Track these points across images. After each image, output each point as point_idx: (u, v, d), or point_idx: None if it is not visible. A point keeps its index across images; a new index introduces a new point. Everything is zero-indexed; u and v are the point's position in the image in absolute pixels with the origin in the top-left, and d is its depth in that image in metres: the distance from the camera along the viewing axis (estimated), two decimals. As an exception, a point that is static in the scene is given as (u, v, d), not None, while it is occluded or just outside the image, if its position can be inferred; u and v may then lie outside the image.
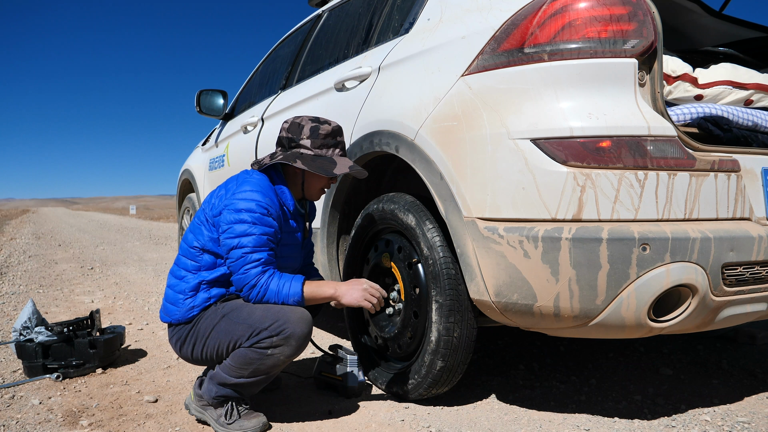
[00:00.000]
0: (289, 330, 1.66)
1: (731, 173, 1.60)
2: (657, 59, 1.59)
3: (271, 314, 1.69)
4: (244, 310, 1.73)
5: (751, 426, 1.76)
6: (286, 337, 1.66)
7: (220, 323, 1.74)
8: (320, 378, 2.12)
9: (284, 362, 1.71)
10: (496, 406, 1.95)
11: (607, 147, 1.51)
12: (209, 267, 1.80)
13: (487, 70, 1.69)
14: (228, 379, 1.72)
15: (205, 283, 1.79)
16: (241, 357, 1.69)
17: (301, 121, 1.89)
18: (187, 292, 1.79)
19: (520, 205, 1.56)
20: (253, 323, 1.68)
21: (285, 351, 1.67)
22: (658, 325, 1.54)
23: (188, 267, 1.82)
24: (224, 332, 1.72)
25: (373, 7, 2.56)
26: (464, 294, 1.77)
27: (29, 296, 4.25)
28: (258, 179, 1.80)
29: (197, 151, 4.62)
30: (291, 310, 1.70)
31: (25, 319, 2.45)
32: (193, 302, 1.79)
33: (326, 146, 1.87)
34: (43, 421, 1.89)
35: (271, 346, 1.66)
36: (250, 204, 1.72)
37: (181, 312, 1.79)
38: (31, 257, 7.34)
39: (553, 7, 1.61)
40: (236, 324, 1.71)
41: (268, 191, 1.78)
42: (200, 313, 1.79)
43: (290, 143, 1.88)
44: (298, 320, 1.68)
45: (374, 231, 2.16)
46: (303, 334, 1.68)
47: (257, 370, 1.69)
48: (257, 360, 1.68)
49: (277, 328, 1.66)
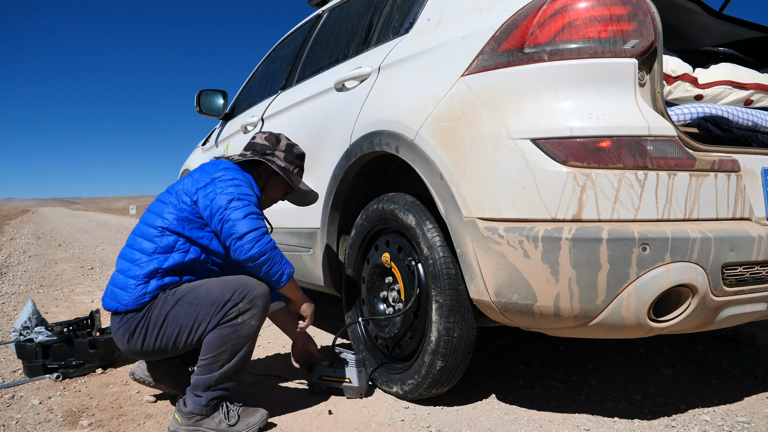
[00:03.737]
0: (252, 292, 1.70)
1: (731, 173, 1.60)
2: (657, 59, 1.59)
3: (228, 286, 1.71)
4: (200, 289, 1.73)
5: (751, 426, 1.76)
6: (251, 299, 1.69)
7: (176, 308, 1.71)
8: (320, 383, 2.08)
9: (257, 328, 1.72)
10: (496, 406, 1.95)
11: (607, 147, 1.51)
12: (166, 251, 1.76)
13: (487, 70, 1.69)
14: (211, 378, 1.69)
15: (160, 272, 1.75)
16: (215, 341, 1.68)
17: (279, 136, 2.07)
18: (140, 278, 1.73)
19: (520, 205, 1.56)
20: (215, 299, 1.69)
21: (254, 313, 1.70)
22: (658, 325, 1.54)
23: (143, 249, 1.77)
24: (184, 315, 1.70)
25: (373, 7, 2.56)
26: (464, 294, 1.77)
27: (29, 296, 4.25)
28: (232, 164, 1.93)
29: (197, 151, 4.62)
30: (245, 277, 1.75)
31: (25, 319, 2.45)
32: (145, 289, 1.73)
33: (294, 164, 2.07)
34: (43, 421, 1.89)
35: (240, 313, 1.68)
36: (238, 174, 1.85)
37: (131, 298, 1.72)
38: (31, 257, 7.34)
39: (553, 7, 1.61)
40: (196, 305, 1.70)
41: (245, 174, 1.90)
42: (151, 300, 1.74)
43: (265, 150, 2.02)
44: (256, 283, 1.74)
45: (374, 231, 2.16)
46: (265, 293, 1.74)
47: (236, 346, 1.69)
48: (232, 334, 1.68)
49: (240, 294, 1.69)
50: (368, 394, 2.08)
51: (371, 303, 2.16)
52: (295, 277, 2.81)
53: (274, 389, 2.17)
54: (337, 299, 3.74)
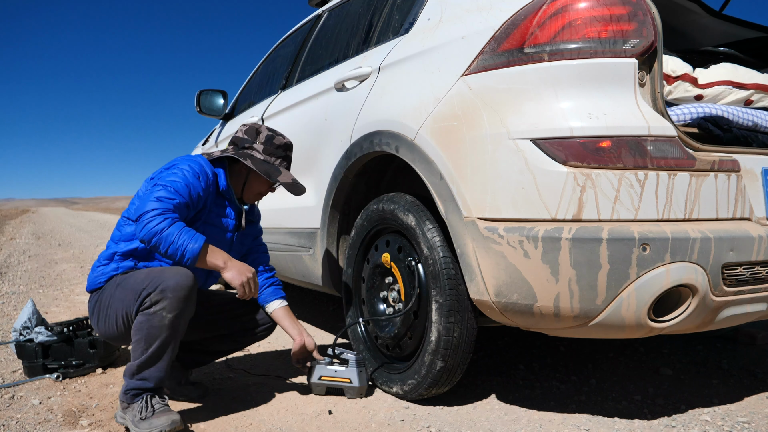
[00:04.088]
0: (164, 284, 1.69)
1: (731, 173, 1.60)
2: (657, 59, 1.59)
3: (151, 276, 1.73)
4: (132, 277, 1.77)
5: (751, 426, 1.76)
6: (161, 290, 1.68)
7: (116, 292, 1.77)
8: (320, 383, 2.07)
9: (172, 321, 1.68)
10: (496, 406, 1.95)
11: (607, 147, 1.51)
12: (128, 238, 1.84)
13: (487, 70, 1.69)
14: (132, 365, 1.72)
15: (119, 255, 1.84)
16: (134, 328, 1.71)
17: (260, 128, 2.02)
18: (102, 260, 1.85)
19: (520, 205, 1.56)
20: (136, 287, 1.72)
21: (164, 305, 1.68)
22: (658, 325, 1.54)
23: (114, 238, 1.88)
24: (118, 300, 1.76)
25: (373, 7, 2.56)
26: (464, 294, 1.77)
27: (29, 296, 4.25)
28: (199, 156, 1.92)
29: (197, 151, 4.63)
30: (169, 269, 1.75)
31: (25, 319, 2.46)
32: (103, 270, 1.83)
33: (275, 156, 2.01)
34: (43, 421, 1.89)
35: (152, 303, 1.69)
36: (184, 165, 1.83)
37: (92, 278, 1.85)
38: (31, 257, 7.34)
39: (553, 7, 1.61)
40: (125, 290, 1.75)
41: (206, 166, 1.89)
42: (105, 282, 1.83)
43: (243, 144, 2.00)
44: (173, 275, 1.71)
45: (374, 231, 2.16)
46: (178, 285, 1.69)
47: (149, 337, 1.69)
48: (145, 323, 1.69)
49: (153, 284, 1.69)
50: (368, 394, 2.08)
51: (371, 303, 2.16)
52: (295, 277, 2.82)
53: (274, 389, 2.17)
54: (337, 299, 3.74)
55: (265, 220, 3.06)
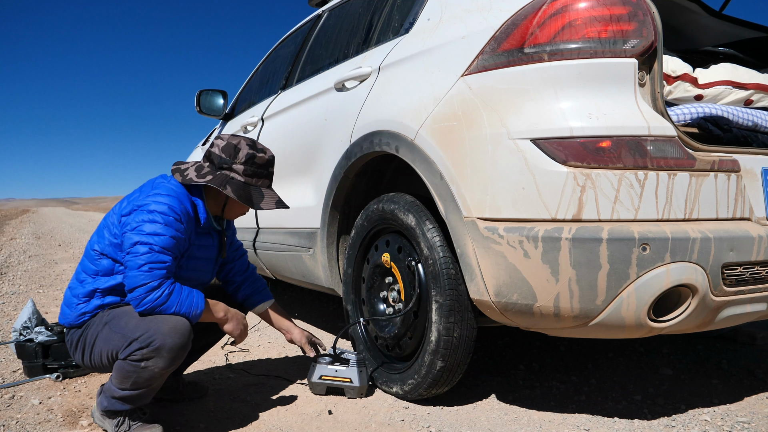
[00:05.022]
0: (159, 342, 1.58)
1: (731, 173, 1.60)
2: (657, 59, 1.59)
3: (143, 324, 1.62)
4: (123, 318, 1.67)
5: (751, 426, 1.76)
6: (155, 348, 1.59)
7: (103, 331, 1.69)
8: (320, 383, 2.08)
9: (162, 374, 1.65)
10: (496, 406, 1.95)
11: (607, 147, 1.51)
12: (106, 273, 1.74)
13: (487, 70, 1.69)
14: (115, 391, 1.67)
15: (99, 291, 1.73)
16: (120, 370, 1.64)
17: (238, 144, 1.82)
18: (81, 297, 1.74)
19: (520, 205, 1.56)
20: (127, 333, 1.62)
21: (158, 363, 1.60)
22: (658, 325, 1.54)
23: (88, 270, 1.76)
24: (104, 341, 1.67)
25: (373, 7, 2.56)
26: (464, 294, 1.77)
27: (29, 296, 4.25)
28: (175, 186, 1.77)
29: (197, 151, 4.62)
30: (163, 320, 1.63)
31: (25, 319, 2.45)
32: (85, 308, 1.73)
33: (257, 176, 1.83)
34: (43, 421, 1.89)
35: (143, 358, 1.60)
36: (163, 207, 1.68)
37: (73, 316, 1.74)
38: (31, 257, 7.34)
39: (553, 7, 1.61)
40: (114, 333, 1.66)
41: (183, 199, 1.75)
42: (90, 319, 1.74)
43: (222, 164, 1.81)
44: (169, 331, 1.61)
45: (374, 231, 2.16)
46: (175, 346, 1.61)
47: (136, 383, 1.63)
48: (133, 373, 1.62)
49: (147, 339, 1.59)
50: (368, 394, 2.08)
51: (371, 303, 2.16)
52: (295, 277, 2.82)
53: (274, 389, 2.18)
54: (337, 299, 3.74)
55: (265, 220, 3.07)
